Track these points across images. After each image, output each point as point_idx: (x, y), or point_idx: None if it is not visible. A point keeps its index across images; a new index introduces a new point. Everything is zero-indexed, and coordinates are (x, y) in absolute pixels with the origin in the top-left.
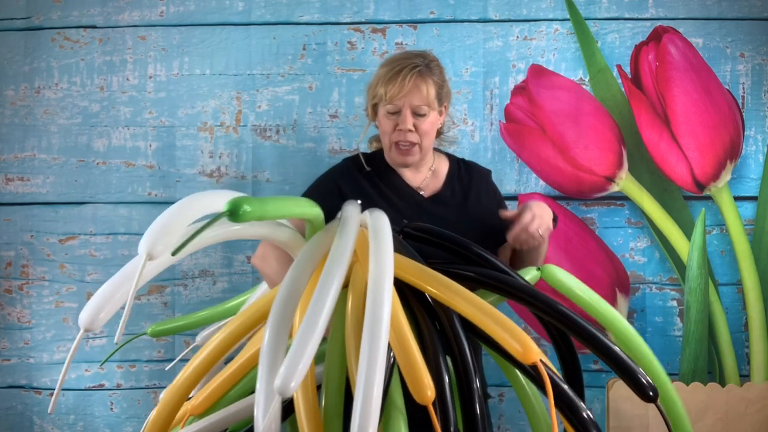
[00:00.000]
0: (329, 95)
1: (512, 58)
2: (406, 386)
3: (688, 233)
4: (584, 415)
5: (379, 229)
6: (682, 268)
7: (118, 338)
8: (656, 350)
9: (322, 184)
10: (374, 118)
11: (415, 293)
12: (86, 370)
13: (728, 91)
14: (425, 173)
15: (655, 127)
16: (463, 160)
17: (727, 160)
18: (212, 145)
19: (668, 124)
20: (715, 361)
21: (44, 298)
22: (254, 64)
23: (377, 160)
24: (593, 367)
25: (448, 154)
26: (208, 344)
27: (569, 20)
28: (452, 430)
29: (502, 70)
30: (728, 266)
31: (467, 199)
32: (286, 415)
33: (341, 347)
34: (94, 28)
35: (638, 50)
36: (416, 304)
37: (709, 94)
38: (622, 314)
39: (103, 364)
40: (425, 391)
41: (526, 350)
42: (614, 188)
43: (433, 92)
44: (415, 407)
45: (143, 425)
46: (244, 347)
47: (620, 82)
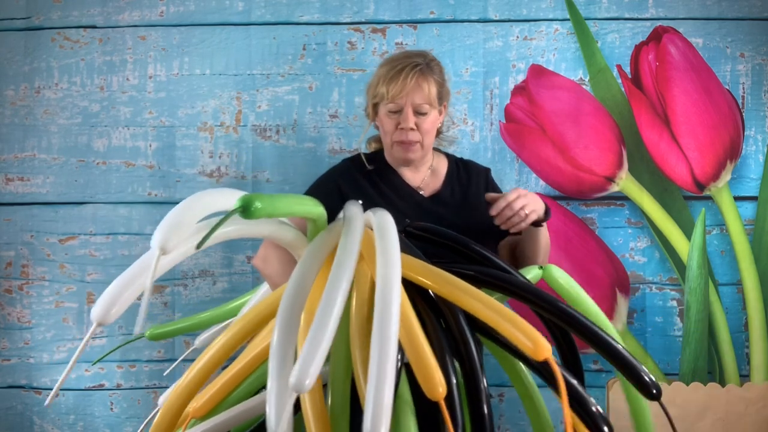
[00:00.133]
0: (329, 95)
1: (512, 58)
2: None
3: (688, 233)
4: (594, 409)
5: (384, 228)
6: (682, 268)
7: (138, 330)
8: (656, 350)
9: (322, 184)
10: (375, 118)
11: (419, 292)
12: (86, 370)
13: (728, 91)
14: (424, 172)
15: (655, 127)
16: (461, 159)
17: (727, 160)
18: (212, 145)
19: (668, 124)
20: (715, 361)
21: (44, 298)
22: (254, 64)
23: (377, 160)
24: (593, 367)
25: (446, 153)
26: (211, 347)
27: (569, 20)
28: (461, 428)
29: (502, 70)
30: (728, 266)
31: (466, 198)
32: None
33: (346, 346)
34: (94, 28)
35: (638, 50)
36: (421, 303)
37: (709, 94)
38: (622, 314)
39: (95, 363)
40: (437, 387)
41: (537, 347)
42: (614, 188)
43: (434, 91)
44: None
45: (141, 425)
46: (245, 349)
47: (620, 82)
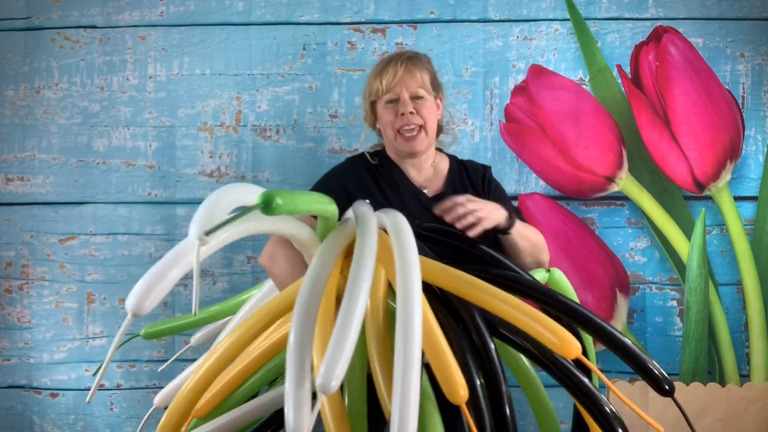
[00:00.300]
0: (329, 95)
1: (512, 58)
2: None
3: (688, 233)
4: (608, 410)
5: (401, 230)
6: (682, 268)
7: (195, 312)
8: (656, 350)
9: (327, 182)
10: (374, 120)
11: (432, 293)
12: (86, 370)
13: (728, 91)
14: (428, 170)
15: (655, 127)
16: (461, 160)
17: (727, 160)
18: (212, 145)
19: (668, 124)
20: (715, 361)
21: (44, 298)
22: (254, 64)
23: (381, 159)
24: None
25: (448, 154)
26: (219, 346)
27: (569, 20)
28: (488, 430)
29: (502, 70)
30: (728, 266)
31: None
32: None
33: (362, 348)
34: (94, 28)
35: (638, 50)
36: (437, 304)
37: (709, 94)
38: (622, 314)
39: (95, 373)
40: (458, 390)
41: (565, 344)
42: (614, 188)
43: (427, 78)
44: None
45: (140, 424)
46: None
47: (620, 82)
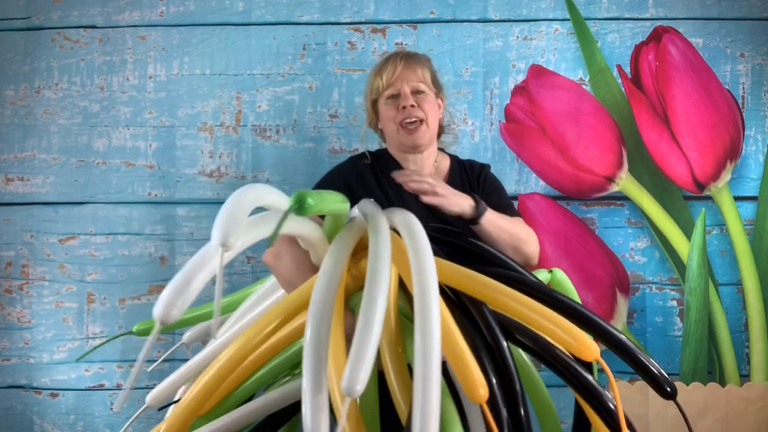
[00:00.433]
0: (329, 95)
1: (512, 58)
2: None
3: (688, 233)
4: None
5: (414, 230)
6: (682, 268)
7: (216, 315)
8: (656, 350)
9: (331, 181)
10: (376, 120)
11: (443, 293)
12: (86, 370)
13: (728, 91)
14: (430, 167)
15: (655, 127)
16: (462, 160)
17: (727, 160)
18: (212, 145)
19: (668, 124)
20: (715, 361)
21: (44, 298)
22: (254, 64)
23: (383, 159)
24: None
25: (449, 154)
26: (229, 348)
27: (569, 20)
28: (507, 428)
29: (502, 70)
30: (728, 266)
31: None
32: (287, 418)
33: None
34: (94, 28)
35: (638, 50)
36: (449, 304)
37: (709, 94)
38: (621, 314)
39: (80, 359)
40: (478, 389)
41: (582, 346)
42: (614, 188)
43: (428, 74)
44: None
45: (150, 427)
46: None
47: (620, 82)
